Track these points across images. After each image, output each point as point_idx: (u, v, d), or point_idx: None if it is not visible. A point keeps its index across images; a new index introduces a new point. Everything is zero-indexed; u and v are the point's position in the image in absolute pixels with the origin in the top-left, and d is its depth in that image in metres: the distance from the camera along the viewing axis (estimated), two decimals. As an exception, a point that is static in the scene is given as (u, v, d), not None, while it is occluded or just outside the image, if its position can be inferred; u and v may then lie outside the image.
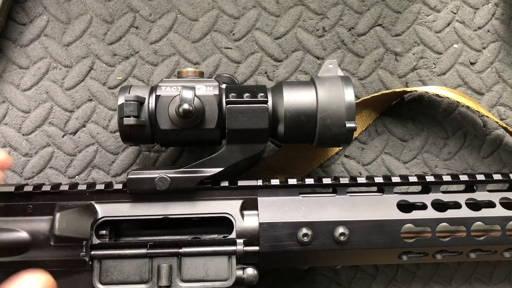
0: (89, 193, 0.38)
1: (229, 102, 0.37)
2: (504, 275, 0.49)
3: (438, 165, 0.49)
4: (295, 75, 0.48)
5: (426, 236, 0.39)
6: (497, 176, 0.41)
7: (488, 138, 0.49)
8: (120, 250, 0.37)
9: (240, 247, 0.37)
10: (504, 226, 0.39)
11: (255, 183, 0.39)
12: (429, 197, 0.40)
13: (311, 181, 0.40)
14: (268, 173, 0.46)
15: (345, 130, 0.37)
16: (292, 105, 0.37)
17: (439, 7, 0.49)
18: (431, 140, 0.49)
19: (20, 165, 0.46)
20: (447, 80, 0.49)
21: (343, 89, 0.38)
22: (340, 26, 0.48)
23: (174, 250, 0.37)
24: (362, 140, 0.48)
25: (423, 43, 0.49)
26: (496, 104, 0.49)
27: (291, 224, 0.38)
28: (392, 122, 0.49)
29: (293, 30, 0.48)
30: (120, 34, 0.47)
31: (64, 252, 0.36)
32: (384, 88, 0.48)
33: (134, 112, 0.36)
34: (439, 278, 0.49)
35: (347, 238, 0.38)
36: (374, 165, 0.48)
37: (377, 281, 0.48)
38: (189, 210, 0.38)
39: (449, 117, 0.49)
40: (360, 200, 0.39)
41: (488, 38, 0.49)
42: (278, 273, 0.48)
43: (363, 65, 0.48)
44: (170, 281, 0.37)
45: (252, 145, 0.38)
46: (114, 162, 0.47)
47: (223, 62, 0.47)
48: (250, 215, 0.38)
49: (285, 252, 0.38)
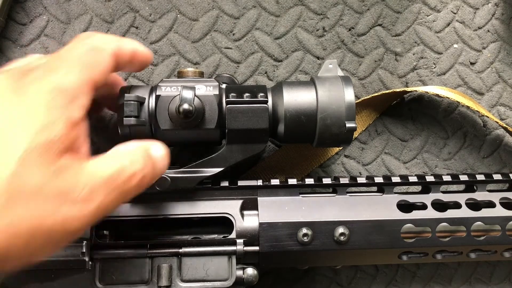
0: (89, 193, 0.38)
1: (229, 102, 0.37)
2: (504, 275, 0.49)
3: (438, 165, 0.49)
4: (295, 75, 0.48)
5: (426, 236, 0.39)
6: (497, 176, 0.41)
7: (488, 138, 0.49)
8: (120, 250, 0.37)
9: (240, 247, 0.37)
10: (504, 226, 0.39)
11: (255, 183, 0.39)
12: (429, 197, 0.40)
13: (311, 181, 0.40)
14: (268, 173, 0.46)
15: (345, 130, 0.37)
16: (292, 105, 0.37)
17: (439, 7, 0.49)
18: (431, 140, 0.49)
19: (20, 165, 0.46)
20: (447, 80, 0.49)
21: (343, 89, 0.38)
22: (340, 26, 0.48)
23: (174, 250, 0.37)
24: (362, 140, 0.48)
25: (423, 43, 0.49)
26: (496, 104, 0.49)
27: (291, 224, 0.38)
28: (392, 122, 0.49)
29: (293, 30, 0.48)
30: (120, 34, 0.47)
31: (64, 252, 0.36)
32: (384, 88, 0.48)
33: (134, 112, 0.36)
34: (439, 278, 0.49)
35: (347, 238, 0.38)
36: (374, 165, 0.48)
37: (377, 281, 0.48)
38: (189, 210, 0.38)
39: (449, 117, 0.49)
40: (360, 200, 0.39)
41: (488, 38, 0.49)
42: (278, 273, 0.48)
43: (363, 65, 0.48)
44: (170, 281, 0.37)
45: (252, 145, 0.38)
46: (114, 162, 0.47)
47: (223, 62, 0.47)
48: (250, 215, 0.38)
49: (285, 252, 0.38)
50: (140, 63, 0.36)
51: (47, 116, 0.28)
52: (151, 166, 0.32)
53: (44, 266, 0.36)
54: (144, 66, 0.37)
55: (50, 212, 0.27)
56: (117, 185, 0.30)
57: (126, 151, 0.32)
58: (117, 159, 0.31)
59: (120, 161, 0.31)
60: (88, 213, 0.28)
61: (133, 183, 0.31)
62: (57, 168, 0.28)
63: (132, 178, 0.31)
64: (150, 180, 0.32)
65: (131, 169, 0.31)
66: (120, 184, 0.30)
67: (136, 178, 0.31)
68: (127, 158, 0.31)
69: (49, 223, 0.27)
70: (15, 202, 0.26)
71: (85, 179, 0.29)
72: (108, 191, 0.29)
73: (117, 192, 0.30)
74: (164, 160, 0.34)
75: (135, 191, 0.31)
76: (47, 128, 0.28)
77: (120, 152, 0.32)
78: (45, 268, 0.36)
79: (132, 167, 0.31)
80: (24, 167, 0.27)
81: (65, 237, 0.29)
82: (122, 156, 0.32)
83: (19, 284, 0.36)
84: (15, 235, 0.27)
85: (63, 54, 0.32)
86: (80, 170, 0.29)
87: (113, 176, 0.30)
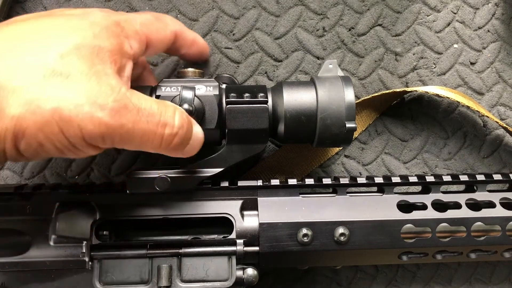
0: (89, 193, 0.38)
1: (229, 102, 0.37)
2: (504, 275, 0.49)
3: (438, 165, 0.49)
4: (295, 75, 0.48)
5: (426, 236, 0.39)
6: (497, 176, 0.41)
7: (488, 138, 0.49)
8: (120, 250, 0.37)
9: (240, 247, 0.37)
10: (504, 226, 0.39)
11: (255, 183, 0.39)
12: (429, 197, 0.40)
13: (311, 181, 0.40)
14: (268, 173, 0.46)
15: (345, 130, 0.37)
16: (292, 105, 0.37)
17: (439, 7, 0.49)
18: (431, 140, 0.49)
19: (20, 165, 0.46)
20: (447, 80, 0.49)
21: (343, 89, 0.38)
22: (340, 26, 0.48)
23: (174, 250, 0.37)
24: (362, 140, 0.48)
25: (423, 43, 0.49)
26: (496, 104, 0.49)
27: (291, 225, 0.38)
28: (392, 122, 0.49)
29: (293, 30, 0.48)
30: (120, 34, 0.47)
31: (64, 252, 0.36)
32: (384, 88, 0.48)
33: (134, 112, 0.36)
34: (439, 278, 0.49)
35: (347, 238, 0.38)
36: (374, 165, 0.48)
37: (377, 281, 0.48)
38: (189, 210, 0.38)
39: (449, 117, 0.49)
40: (360, 200, 0.39)
41: (488, 38, 0.49)
42: (278, 273, 0.48)
43: (363, 65, 0.48)
44: (170, 281, 0.37)
45: (252, 145, 0.38)
46: (114, 162, 0.47)
47: (223, 62, 0.47)
48: (250, 215, 0.38)
49: (285, 253, 0.38)
50: (199, 50, 0.42)
51: (103, 33, 0.31)
52: (185, 131, 0.33)
53: (44, 266, 0.36)
54: (202, 56, 0.44)
55: (76, 103, 0.28)
56: (148, 123, 0.31)
57: (172, 106, 0.33)
58: (161, 105, 0.32)
59: (163, 108, 0.32)
60: (106, 126, 0.29)
61: (163, 132, 0.31)
62: (96, 70, 0.29)
63: (164, 127, 0.31)
64: (178, 145, 0.33)
65: (167, 120, 0.32)
66: (151, 125, 0.31)
67: (167, 130, 0.32)
68: (171, 110, 0.32)
69: (72, 113, 0.28)
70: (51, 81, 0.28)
71: (120, 96, 0.30)
72: (137, 121, 0.30)
73: (143, 129, 0.30)
74: (199, 139, 0.35)
75: (158, 145, 0.32)
76: (100, 39, 0.31)
77: (167, 103, 0.33)
78: (45, 268, 0.36)
79: (169, 119, 0.32)
80: (68, 56, 0.29)
81: (74, 136, 0.29)
82: (167, 106, 0.32)
83: (19, 284, 0.37)
84: (35, 112, 0.28)
85: (131, 14, 0.36)
86: (119, 87, 0.30)
87: (148, 113, 0.31)
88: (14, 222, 0.37)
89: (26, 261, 0.36)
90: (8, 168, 0.46)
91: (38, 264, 0.36)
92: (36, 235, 0.36)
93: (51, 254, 0.36)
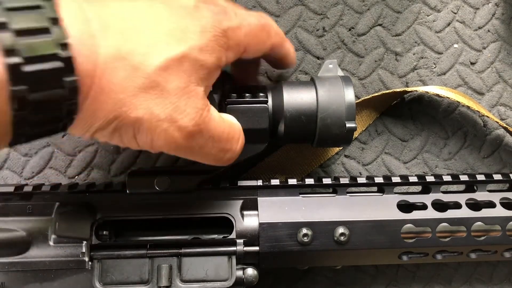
0: (89, 193, 0.38)
1: (229, 102, 0.37)
2: (504, 275, 0.49)
3: (438, 165, 0.49)
4: (295, 75, 0.48)
5: (426, 236, 0.39)
6: (497, 176, 0.41)
7: (489, 138, 0.49)
8: (120, 250, 0.37)
9: (240, 247, 0.37)
10: (504, 226, 0.39)
11: (255, 183, 0.39)
12: (429, 197, 0.40)
13: (311, 181, 0.40)
14: (268, 173, 0.46)
15: (345, 130, 0.37)
16: (292, 105, 0.37)
17: (439, 7, 0.49)
18: (431, 140, 0.49)
19: (19, 165, 0.46)
20: (447, 80, 0.49)
21: (343, 89, 0.38)
22: (340, 26, 0.48)
23: (174, 250, 0.37)
24: (362, 140, 0.48)
25: (423, 43, 0.49)
26: (496, 104, 0.49)
27: (291, 224, 0.38)
28: (392, 122, 0.49)
29: (293, 30, 0.48)
30: (120, 34, 0.47)
31: (64, 252, 0.36)
32: (384, 88, 0.48)
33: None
34: (439, 278, 0.49)
35: (347, 238, 0.38)
36: (374, 165, 0.48)
37: (377, 281, 0.48)
38: (189, 210, 0.38)
39: (449, 117, 0.49)
40: (360, 200, 0.39)
41: (488, 38, 0.49)
42: (278, 273, 0.48)
43: (363, 65, 0.48)
44: (170, 281, 0.37)
45: (252, 145, 0.38)
46: (114, 162, 0.47)
47: (223, 62, 0.47)
48: (250, 215, 0.38)
49: (285, 252, 0.38)
50: (283, 64, 0.40)
51: (210, 46, 0.30)
52: (239, 149, 0.34)
53: (44, 266, 0.36)
54: (283, 68, 0.42)
55: (158, 118, 0.28)
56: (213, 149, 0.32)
57: (239, 131, 0.35)
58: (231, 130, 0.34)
59: (231, 135, 0.33)
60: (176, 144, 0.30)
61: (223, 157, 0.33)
62: (189, 89, 0.29)
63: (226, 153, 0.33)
64: (230, 158, 0.34)
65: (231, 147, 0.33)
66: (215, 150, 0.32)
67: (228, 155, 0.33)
68: (237, 136, 0.34)
69: (151, 126, 0.28)
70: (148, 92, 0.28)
71: (201, 121, 0.30)
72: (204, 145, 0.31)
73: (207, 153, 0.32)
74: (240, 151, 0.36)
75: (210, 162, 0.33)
76: (205, 54, 0.29)
77: (235, 127, 0.34)
78: (45, 268, 0.36)
79: (233, 146, 0.34)
80: (170, 69, 0.28)
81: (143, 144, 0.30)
82: (235, 131, 0.34)
83: (19, 284, 0.37)
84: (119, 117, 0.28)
85: (242, 12, 0.33)
86: (203, 110, 0.30)
87: (218, 139, 0.32)
88: (14, 222, 0.37)
89: (26, 261, 0.36)
90: (8, 168, 0.46)
91: (38, 264, 0.36)
92: (36, 235, 0.36)
93: (51, 254, 0.36)
